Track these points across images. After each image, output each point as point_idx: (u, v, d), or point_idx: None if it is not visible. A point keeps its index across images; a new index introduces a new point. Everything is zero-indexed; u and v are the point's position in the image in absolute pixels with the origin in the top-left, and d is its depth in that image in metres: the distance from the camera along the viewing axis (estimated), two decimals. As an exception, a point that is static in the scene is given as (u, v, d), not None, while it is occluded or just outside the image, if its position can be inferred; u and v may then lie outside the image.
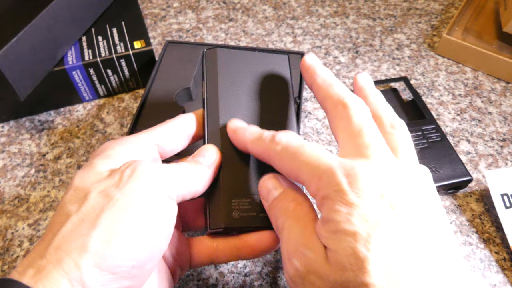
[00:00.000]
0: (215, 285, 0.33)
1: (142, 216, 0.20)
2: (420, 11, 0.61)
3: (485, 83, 0.50)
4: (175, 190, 0.23)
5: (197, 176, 0.24)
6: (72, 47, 0.45)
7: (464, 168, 0.38)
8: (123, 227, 0.20)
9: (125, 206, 0.20)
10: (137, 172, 0.21)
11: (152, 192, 0.21)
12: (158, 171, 0.22)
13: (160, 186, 0.22)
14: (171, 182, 0.23)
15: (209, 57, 0.30)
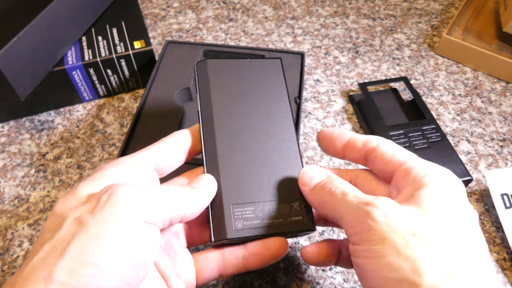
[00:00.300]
0: (215, 285, 0.33)
1: (114, 243, 0.19)
2: (420, 11, 0.61)
3: (485, 83, 0.50)
4: (157, 214, 0.22)
5: (186, 199, 0.24)
6: (72, 47, 0.45)
7: (464, 168, 0.38)
8: (92, 256, 0.19)
9: (96, 234, 0.19)
10: (113, 197, 0.21)
11: (127, 218, 0.20)
12: (137, 195, 0.21)
13: (138, 211, 0.21)
14: (152, 206, 0.22)
15: (200, 69, 0.30)
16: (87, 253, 0.19)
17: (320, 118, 0.46)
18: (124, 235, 0.20)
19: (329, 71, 0.52)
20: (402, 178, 0.24)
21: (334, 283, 0.33)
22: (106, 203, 0.20)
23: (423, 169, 0.23)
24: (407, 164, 0.24)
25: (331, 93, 0.49)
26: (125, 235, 0.20)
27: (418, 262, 0.18)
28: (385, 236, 0.20)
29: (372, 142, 0.27)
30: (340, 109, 0.47)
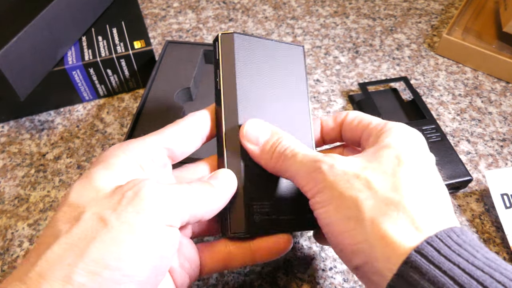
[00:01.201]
0: (215, 285, 0.33)
1: (138, 248, 0.19)
2: (420, 11, 0.61)
3: (485, 83, 0.50)
4: (179, 216, 0.21)
5: (207, 200, 0.23)
6: (72, 47, 0.45)
7: (464, 168, 0.38)
8: (115, 260, 0.18)
9: (120, 236, 0.18)
10: (139, 196, 0.19)
11: (153, 222, 0.19)
12: (162, 196, 0.20)
13: (163, 214, 0.20)
14: (176, 208, 0.21)
15: (224, 42, 0.26)
16: (109, 256, 0.18)
17: (320, 118, 0.46)
18: (148, 240, 0.19)
19: (329, 71, 0.52)
20: (367, 139, 0.25)
21: (334, 283, 0.33)
22: (131, 203, 0.19)
23: (384, 126, 0.25)
24: (371, 126, 0.26)
25: (331, 93, 0.49)
26: (150, 240, 0.19)
27: (360, 199, 0.21)
28: (332, 184, 0.22)
29: (340, 115, 0.28)
30: (340, 109, 0.47)
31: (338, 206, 0.21)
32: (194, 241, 0.27)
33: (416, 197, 0.20)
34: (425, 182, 0.21)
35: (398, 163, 0.22)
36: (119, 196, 0.20)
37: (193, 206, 0.22)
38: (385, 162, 0.22)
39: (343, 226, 0.21)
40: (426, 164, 0.23)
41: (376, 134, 0.24)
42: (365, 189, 0.21)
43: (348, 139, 0.28)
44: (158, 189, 0.20)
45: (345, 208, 0.21)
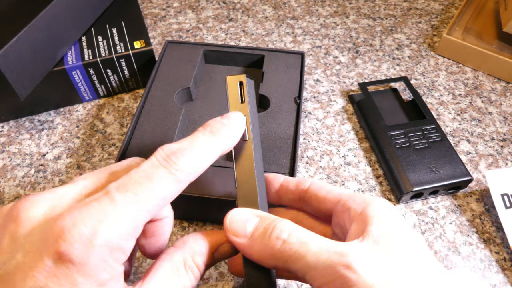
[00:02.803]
0: (215, 285, 0.33)
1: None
2: (420, 11, 0.61)
3: (485, 83, 0.50)
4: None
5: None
6: (72, 47, 0.45)
7: (464, 168, 0.38)
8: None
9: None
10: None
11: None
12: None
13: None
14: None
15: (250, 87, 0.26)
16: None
17: (320, 118, 0.46)
18: None
19: (329, 71, 0.52)
20: (342, 213, 0.23)
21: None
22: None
23: (360, 201, 0.22)
24: (343, 199, 0.23)
25: (331, 93, 0.49)
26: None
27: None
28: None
29: (304, 183, 0.25)
30: (340, 109, 0.47)
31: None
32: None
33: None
34: (435, 269, 0.20)
35: (409, 258, 0.20)
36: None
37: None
38: (398, 259, 0.20)
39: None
40: (423, 244, 0.21)
41: (358, 213, 0.22)
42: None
43: (313, 209, 0.26)
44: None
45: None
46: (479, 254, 0.35)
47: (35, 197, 0.19)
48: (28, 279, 0.17)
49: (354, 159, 0.42)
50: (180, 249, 0.22)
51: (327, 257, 0.19)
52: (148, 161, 0.20)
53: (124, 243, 0.18)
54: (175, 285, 0.21)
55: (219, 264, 0.34)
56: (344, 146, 0.43)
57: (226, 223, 0.22)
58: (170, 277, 0.21)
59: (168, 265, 0.21)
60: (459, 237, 0.36)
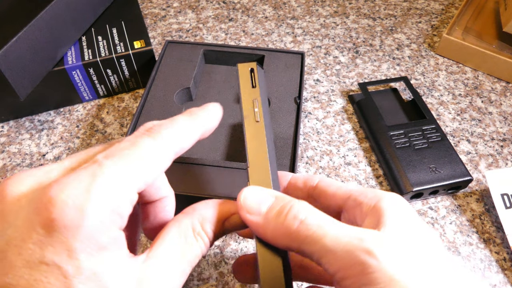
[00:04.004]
0: (215, 285, 0.33)
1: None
2: (420, 11, 0.61)
3: (485, 83, 0.50)
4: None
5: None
6: (72, 47, 0.45)
7: (464, 168, 0.38)
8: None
9: None
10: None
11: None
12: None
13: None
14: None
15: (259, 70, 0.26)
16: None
17: (320, 118, 0.46)
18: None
19: (329, 71, 0.52)
20: (353, 209, 0.22)
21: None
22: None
23: (372, 196, 0.22)
24: (354, 195, 0.23)
25: (331, 93, 0.49)
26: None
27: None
28: (392, 277, 0.17)
29: (312, 180, 0.25)
30: (340, 109, 0.47)
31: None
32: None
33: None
34: (450, 266, 0.19)
35: (428, 250, 0.19)
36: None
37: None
38: (417, 246, 0.19)
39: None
40: (438, 237, 0.21)
41: (371, 206, 0.21)
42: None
43: (322, 206, 0.25)
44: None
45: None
46: (479, 254, 0.35)
47: (20, 174, 0.19)
48: (23, 252, 0.16)
49: (354, 159, 0.42)
50: (189, 215, 0.22)
51: (346, 241, 0.18)
52: (132, 134, 0.20)
53: (118, 206, 0.17)
54: (184, 251, 0.20)
55: (219, 264, 0.34)
56: (344, 146, 0.43)
57: (240, 199, 0.21)
58: (178, 244, 0.20)
59: (176, 232, 0.21)
60: (459, 237, 0.36)
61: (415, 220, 0.21)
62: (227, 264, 0.34)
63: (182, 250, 0.20)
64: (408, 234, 0.20)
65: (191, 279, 0.33)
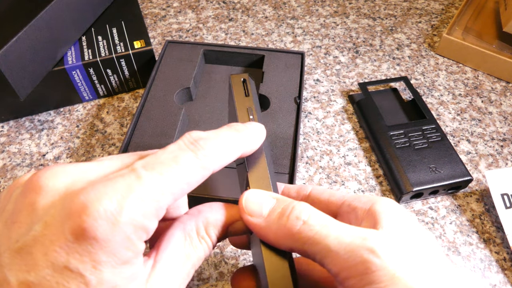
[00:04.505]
0: (215, 285, 0.33)
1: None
2: (420, 11, 0.61)
3: (485, 83, 0.50)
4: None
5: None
6: (72, 47, 0.45)
7: (464, 168, 0.38)
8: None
9: None
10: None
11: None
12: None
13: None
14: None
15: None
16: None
17: (320, 118, 0.46)
18: None
19: (329, 71, 0.52)
20: (348, 214, 0.22)
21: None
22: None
23: (366, 200, 0.22)
24: (348, 200, 0.23)
25: (331, 93, 0.49)
26: None
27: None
28: (394, 275, 0.17)
29: (305, 189, 0.25)
30: (340, 109, 0.47)
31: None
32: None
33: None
34: (446, 265, 0.20)
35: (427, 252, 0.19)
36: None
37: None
38: (416, 247, 0.19)
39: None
40: (434, 240, 0.21)
41: (366, 210, 0.21)
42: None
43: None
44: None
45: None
46: (479, 254, 0.35)
47: (56, 168, 0.18)
48: (49, 253, 0.16)
49: (354, 159, 0.42)
50: (194, 217, 0.21)
51: (350, 240, 0.18)
52: (175, 143, 0.19)
53: (148, 223, 0.17)
54: (189, 254, 0.20)
55: (219, 264, 0.34)
56: (344, 146, 0.43)
57: (242, 202, 0.21)
58: (183, 246, 0.20)
59: (181, 234, 0.21)
60: (459, 237, 0.36)
61: (410, 221, 0.21)
62: (227, 264, 0.34)
63: (187, 253, 0.20)
64: (405, 233, 0.20)
65: (191, 279, 0.33)
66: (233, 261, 0.34)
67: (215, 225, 0.22)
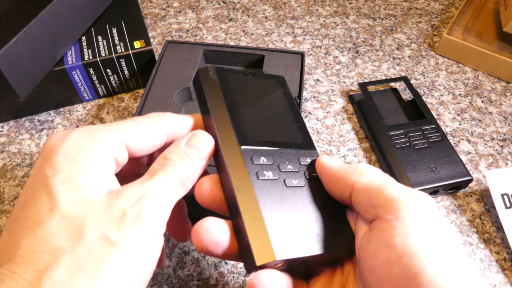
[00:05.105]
0: (215, 285, 0.33)
1: (144, 266, 0.19)
2: (420, 11, 0.61)
3: (485, 83, 0.50)
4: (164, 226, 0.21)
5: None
6: (72, 47, 0.45)
7: (464, 168, 0.38)
8: (125, 279, 0.18)
9: (128, 257, 0.18)
10: (142, 217, 0.19)
11: (153, 239, 0.20)
12: (162, 212, 0.20)
13: (161, 231, 0.20)
14: (166, 218, 0.21)
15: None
16: (121, 277, 0.18)
17: (320, 118, 0.46)
18: (151, 258, 0.20)
19: (329, 71, 0.52)
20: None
21: (334, 283, 0.33)
22: (135, 224, 0.19)
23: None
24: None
25: (331, 93, 0.49)
26: (152, 258, 0.20)
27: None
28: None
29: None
30: (340, 109, 0.47)
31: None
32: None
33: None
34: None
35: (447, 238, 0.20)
36: (119, 213, 0.19)
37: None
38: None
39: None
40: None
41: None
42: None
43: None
44: (159, 207, 0.20)
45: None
46: (479, 254, 0.35)
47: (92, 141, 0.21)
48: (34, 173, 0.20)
49: (354, 159, 0.42)
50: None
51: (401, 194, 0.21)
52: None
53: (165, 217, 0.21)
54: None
55: (219, 264, 0.34)
56: (344, 146, 0.43)
57: (321, 161, 0.25)
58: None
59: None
60: (459, 237, 0.36)
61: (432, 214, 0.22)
62: (227, 264, 0.34)
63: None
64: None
65: (191, 279, 0.33)
66: (233, 261, 0.34)
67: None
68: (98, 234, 0.18)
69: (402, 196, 0.21)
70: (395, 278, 0.19)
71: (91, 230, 0.18)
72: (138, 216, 0.19)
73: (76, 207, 0.18)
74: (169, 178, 0.21)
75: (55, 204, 0.18)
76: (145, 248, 0.19)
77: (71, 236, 0.18)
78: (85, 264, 0.17)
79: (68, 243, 0.17)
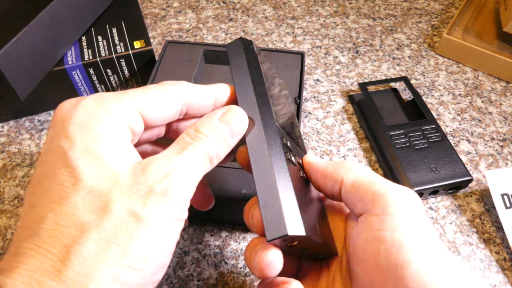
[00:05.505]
0: (215, 285, 0.33)
1: (169, 241, 0.19)
2: (420, 11, 0.61)
3: (485, 83, 0.50)
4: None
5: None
6: (72, 47, 0.45)
7: (464, 168, 0.38)
8: (153, 254, 0.18)
9: (155, 233, 0.18)
10: (169, 193, 0.19)
11: (178, 218, 0.19)
12: (189, 191, 0.20)
13: (187, 204, 0.20)
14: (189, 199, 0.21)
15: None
16: (149, 252, 0.18)
17: (320, 118, 0.46)
18: (175, 234, 0.20)
19: (329, 71, 0.52)
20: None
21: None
22: (162, 199, 0.19)
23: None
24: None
25: (331, 93, 0.49)
26: (175, 234, 0.20)
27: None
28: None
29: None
30: (340, 109, 0.47)
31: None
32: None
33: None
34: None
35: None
36: (146, 188, 0.18)
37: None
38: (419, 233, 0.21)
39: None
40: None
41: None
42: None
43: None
44: (186, 182, 0.20)
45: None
46: (479, 254, 0.35)
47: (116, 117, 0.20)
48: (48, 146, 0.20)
49: (354, 159, 0.42)
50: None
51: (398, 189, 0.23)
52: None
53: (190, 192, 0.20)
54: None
55: (219, 264, 0.34)
56: (344, 146, 0.43)
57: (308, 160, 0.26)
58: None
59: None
60: (459, 237, 0.36)
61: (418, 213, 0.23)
62: (227, 264, 0.34)
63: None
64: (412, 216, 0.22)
65: (191, 279, 0.33)
66: (233, 261, 0.34)
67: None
68: (125, 208, 0.18)
69: (389, 192, 0.22)
70: (382, 268, 0.20)
71: (117, 205, 0.18)
72: (165, 192, 0.19)
73: (101, 181, 0.18)
74: (198, 154, 0.21)
75: (78, 179, 0.18)
76: (171, 223, 0.19)
77: (97, 210, 0.17)
78: (113, 239, 0.17)
79: (95, 218, 0.17)
